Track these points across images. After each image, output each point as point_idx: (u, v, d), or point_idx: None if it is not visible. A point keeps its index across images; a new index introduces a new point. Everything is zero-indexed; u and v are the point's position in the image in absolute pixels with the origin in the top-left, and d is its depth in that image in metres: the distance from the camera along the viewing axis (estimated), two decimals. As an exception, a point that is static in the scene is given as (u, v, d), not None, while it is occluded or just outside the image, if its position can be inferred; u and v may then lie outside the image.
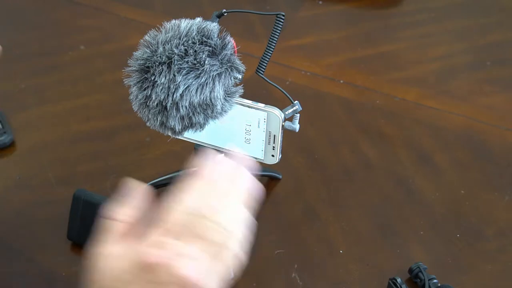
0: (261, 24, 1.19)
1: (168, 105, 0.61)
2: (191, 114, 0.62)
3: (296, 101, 0.68)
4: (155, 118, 0.63)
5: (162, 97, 0.61)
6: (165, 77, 0.60)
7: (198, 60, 0.61)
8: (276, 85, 0.68)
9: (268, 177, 0.91)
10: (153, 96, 0.61)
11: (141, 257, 0.46)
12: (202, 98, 0.61)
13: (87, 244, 0.81)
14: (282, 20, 0.67)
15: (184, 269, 0.45)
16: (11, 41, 1.17)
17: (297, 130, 0.69)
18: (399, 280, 0.75)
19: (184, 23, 0.63)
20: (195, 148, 0.75)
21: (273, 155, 0.70)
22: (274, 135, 0.68)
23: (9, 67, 1.11)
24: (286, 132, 0.68)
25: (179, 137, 0.68)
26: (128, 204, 0.50)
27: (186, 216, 0.48)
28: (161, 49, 0.61)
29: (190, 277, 0.46)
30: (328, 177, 0.92)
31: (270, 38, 0.67)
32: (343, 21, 1.24)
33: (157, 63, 0.61)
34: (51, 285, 0.78)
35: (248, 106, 0.68)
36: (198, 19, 0.64)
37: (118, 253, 0.47)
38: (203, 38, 0.62)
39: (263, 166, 0.76)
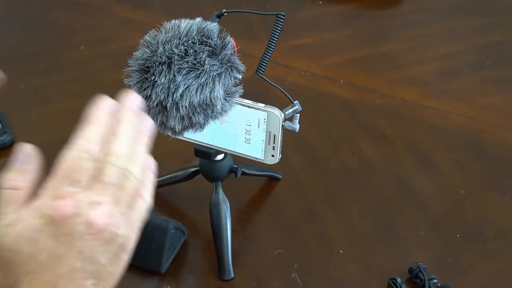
0: (261, 24, 1.19)
1: (168, 105, 0.61)
2: (191, 114, 0.62)
3: (296, 101, 0.68)
4: (155, 118, 0.63)
5: (162, 97, 0.61)
6: (165, 77, 0.60)
7: (198, 60, 0.61)
8: (276, 85, 0.68)
9: (268, 177, 0.91)
10: (153, 96, 0.61)
11: (45, 211, 0.44)
12: (202, 98, 0.61)
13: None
14: (282, 20, 0.67)
15: (91, 215, 0.44)
16: (11, 41, 1.17)
17: (297, 130, 0.69)
18: (399, 280, 0.75)
19: (184, 23, 0.63)
20: (195, 149, 0.75)
21: (273, 155, 0.70)
22: (274, 135, 0.68)
23: (9, 67, 1.11)
24: (286, 132, 0.68)
25: (179, 137, 0.68)
26: (21, 169, 0.48)
27: (81, 161, 0.47)
28: (161, 49, 0.61)
29: (98, 222, 0.45)
30: (328, 177, 0.92)
31: (270, 38, 0.67)
32: (343, 21, 1.24)
33: (157, 63, 0.61)
34: (51, 285, 0.78)
35: (248, 106, 0.68)
36: (198, 19, 0.64)
37: (23, 216, 0.45)
38: (203, 38, 0.62)
39: (263, 166, 0.76)
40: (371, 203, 0.88)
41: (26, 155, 0.50)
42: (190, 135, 0.70)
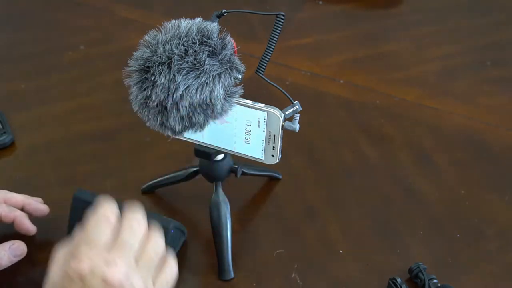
0: (261, 24, 1.19)
1: (168, 105, 0.61)
2: (191, 114, 0.62)
3: (296, 101, 0.68)
4: (155, 118, 0.63)
5: (162, 97, 0.61)
6: (165, 77, 0.60)
7: (198, 60, 0.61)
8: (276, 85, 0.68)
9: (268, 177, 0.91)
10: (153, 96, 0.61)
11: (67, 270, 0.50)
12: (202, 98, 0.61)
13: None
14: (282, 20, 0.67)
15: (107, 272, 0.49)
16: (11, 41, 1.17)
17: (297, 130, 0.69)
18: (399, 280, 0.75)
19: (184, 23, 0.63)
20: (195, 149, 0.75)
21: (273, 155, 0.70)
22: (274, 135, 0.68)
23: (9, 67, 1.11)
24: (286, 132, 0.68)
25: (179, 137, 0.68)
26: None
27: (100, 226, 0.54)
28: (161, 49, 0.61)
29: (114, 279, 0.49)
30: (328, 177, 0.92)
31: (270, 38, 0.67)
32: (343, 21, 1.24)
33: (157, 63, 0.61)
34: (51, 285, 0.78)
35: (248, 106, 0.68)
36: (198, 19, 0.64)
37: (59, 258, 0.52)
38: (203, 38, 0.62)
39: (263, 166, 0.76)
40: (371, 203, 0.88)
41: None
42: (190, 135, 0.70)
